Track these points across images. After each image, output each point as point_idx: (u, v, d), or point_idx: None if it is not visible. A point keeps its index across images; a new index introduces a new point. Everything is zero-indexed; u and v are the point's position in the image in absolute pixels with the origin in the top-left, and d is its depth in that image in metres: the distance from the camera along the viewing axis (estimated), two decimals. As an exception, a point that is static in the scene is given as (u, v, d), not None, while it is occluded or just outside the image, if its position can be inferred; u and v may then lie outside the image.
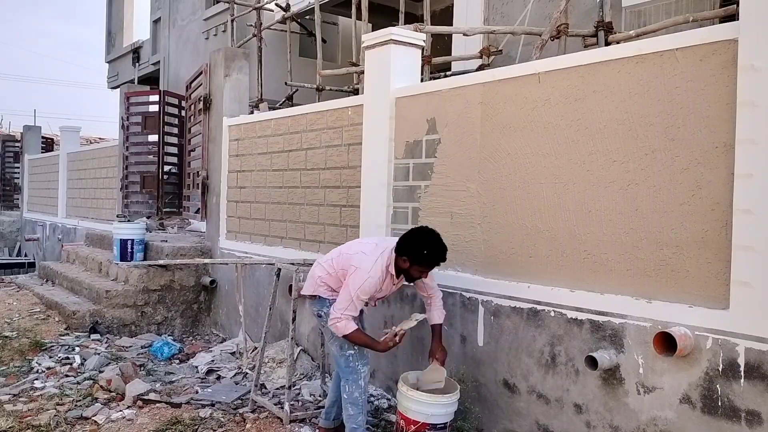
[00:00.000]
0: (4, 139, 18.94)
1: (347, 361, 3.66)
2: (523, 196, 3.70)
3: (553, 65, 3.59)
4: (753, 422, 2.71)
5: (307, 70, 10.38)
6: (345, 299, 3.50)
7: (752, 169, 2.70)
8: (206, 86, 7.41)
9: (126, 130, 10.07)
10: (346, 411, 3.67)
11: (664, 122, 3.05)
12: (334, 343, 3.72)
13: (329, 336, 3.74)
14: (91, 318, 6.45)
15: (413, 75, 4.75)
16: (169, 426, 4.15)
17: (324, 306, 3.74)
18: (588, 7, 6.50)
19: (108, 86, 18.85)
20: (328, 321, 3.55)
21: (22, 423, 4.17)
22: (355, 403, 3.64)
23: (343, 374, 3.69)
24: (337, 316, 3.48)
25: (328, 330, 3.67)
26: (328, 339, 3.77)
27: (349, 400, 3.64)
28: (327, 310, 3.67)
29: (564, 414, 3.45)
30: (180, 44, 14.30)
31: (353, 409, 3.64)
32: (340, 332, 3.51)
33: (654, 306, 3.06)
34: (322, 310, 3.76)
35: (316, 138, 5.53)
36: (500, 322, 3.81)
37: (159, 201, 9.73)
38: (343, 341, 3.63)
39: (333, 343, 3.72)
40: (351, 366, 3.65)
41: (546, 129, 3.59)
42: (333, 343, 3.72)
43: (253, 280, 6.31)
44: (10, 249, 16.03)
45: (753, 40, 2.71)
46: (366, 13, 7.26)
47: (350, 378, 3.64)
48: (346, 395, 3.65)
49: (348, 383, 3.65)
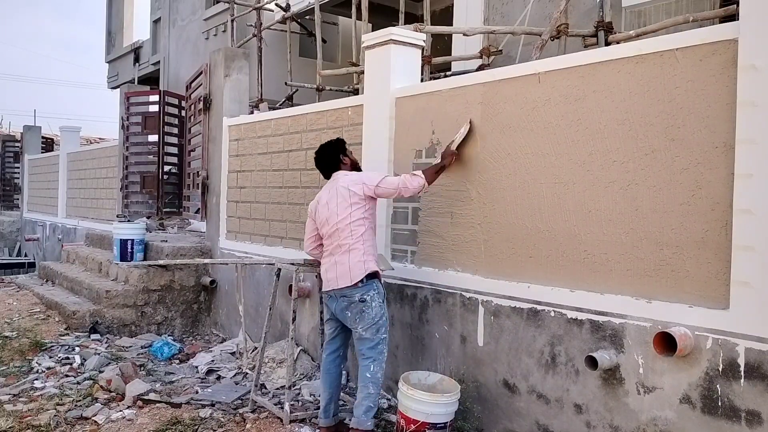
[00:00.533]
0: (4, 139, 18.95)
1: (380, 343, 3.79)
2: (523, 196, 3.70)
3: (553, 65, 3.59)
4: (753, 422, 2.71)
5: (307, 70, 10.37)
6: (390, 179, 3.94)
7: (752, 169, 2.70)
8: (206, 86, 7.41)
9: (126, 130, 10.07)
10: (366, 389, 3.74)
11: (664, 122, 3.05)
12: (371, 328, 3.76)
13: (368, 321, 3.76)
14: (91, 318, 6.45)
15: (413, 75, 4.75)
16: (169, 426, 4.15)
17: (371, 289, 3.77)
18: (588, 7, 6.50)
19: (108, 86, 18.85)
20: (405, 187, 3.86)
21: (22, 423, 4.17)
22: (377, 383, 3.77)
23: (371, 355, 3.77)
24: (405, 183, 3.86)
25: (368, 315, 3.75)
26: (365, 324, 3.76)
27: (373, 379, 3.75)
28: (374, 293, 3.77)
29: (564, 414, 3.45)
30: (180, 44, 14.30)
31: (374, 388, 3.75)
32: (419, 185, 3.89)
33: (654, 306, 3.06)
34: (368, 293, 3.76)
35: (316, 138, 5.52)
36: (500, 322, 3.81)
37: (159, 201, 9.73)
38: (381, 325, 3.77)
39: (370, 328, 3.76)
40: (380, 348, 3.79)
41: (546, 129, 3.59)
42: (370, 328, 3.76)
43: (253, 280, 6.31)
44: (10, 249, 16.03)
45: (753, 40, 2.71)
46: (366, 13, 7.26)
47: (378, 359, 3.78)
48: (369, 374, 3.75)
49: (374, 363, 3.76)
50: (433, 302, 4.26)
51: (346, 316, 3.84)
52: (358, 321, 3.79)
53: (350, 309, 3.80)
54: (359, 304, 3.77)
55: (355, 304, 3.79)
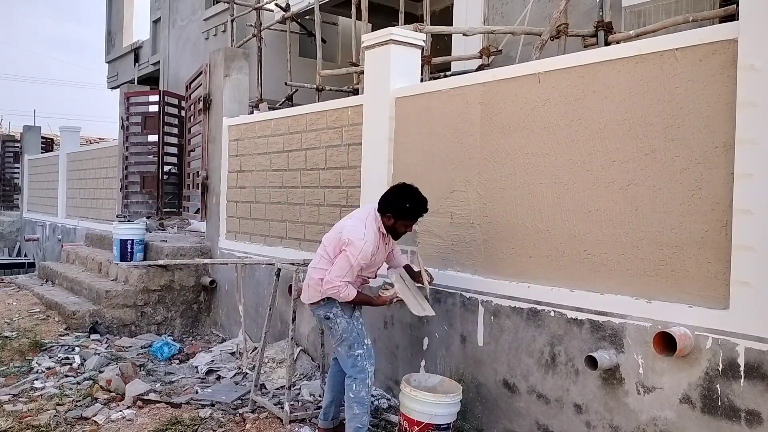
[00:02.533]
0: (4, 139, 18.94)
1: (355, 361, 3.67)
2: (523, 196, 3.70)
3: (553, 65, 3.59)
4: (753, 422, 2.71)
5: (307, 70, 10.38)
6: (343, 267, 3.56)
7: (752, 169, 2.70)
8: (206, 86, 7.41)
9: (126, 130, 10.07)
10: (351, 410, 3.66)
11: (664, 122, 3.05)
12: (342, 345, 3.71)
13: (337, 338, 3.73)
14: (91, 318, 6.45)
15: (413, 75, 4.75)
16: (169, 426, 4.15)
17: (333, 306, 3.72)
18: (588, 7, 6.50)
19: (108, 86, 18.85)
20: (324, 287, 3.58)
21: (22, 423, 4.17)
22: (361, 403, 3.65)
23: (351, 374, 3.69)
24: (336, 283, 3.55)
25: (336, 332, 3.70)
26: (336, 341, 3.75)
27: (356, 399, 3.65)
28: (336, 311, 3.70)
29: (564, 414, 3.45)
30: (180, 44, 14.31)
31: (359, 408, 3.65)
32: (342, 297, 3.58)
33: (654, 306, 3.06)
34: (330, 311, 3.72)
35: (316, 138, 5.53)
36: (500, 322, 3.81)
37: (159, 201, 9.73)
38: (352, 341, 3.67)
39: (342, 344, 3.72)
40: (359, 365, 3.67)
41: (546, 129, 3.59)
42: (342, 344, 3.72)
43: (253, 280, 6.31)
44: (10, 249, 16.02)
45: (753, 40, 2.71)
46: (366, 13, 7.26)
47: (358, 377, 3.66)
48: (352, 394, 3.65)
49: (356, 382, 3.66)
50: (433, 302, 4.25)
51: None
52: (330, 336, 3.81)
53: (322, 325, 3.83)
54: (325, 320, 3.79)
55: (322, 321, 3.83)
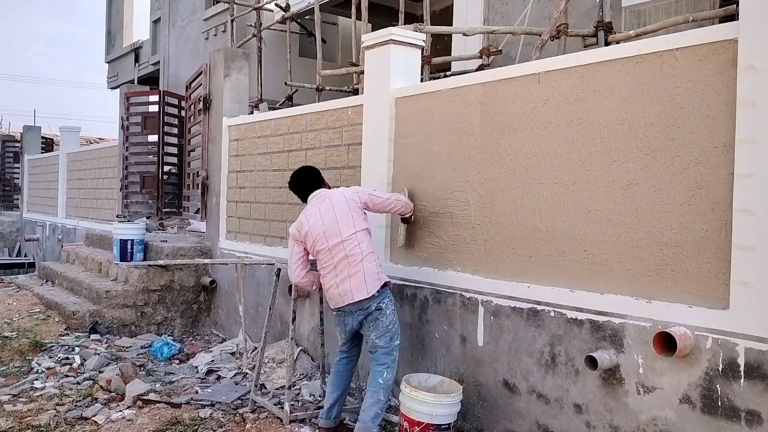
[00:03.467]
0: (4, 139, 18.94)
1: (393, 351, 3.79)
2: (523, 196, 3.70)
3: (553, 65, 3.59)
4: (753, 422, 2.71)
5: (307, 70, 10.38)
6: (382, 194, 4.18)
7: (752, 169, 2.70)
8: (206, 86, 7.41)
9: (126, 131, 10.07)
10: (377, 395, 3.71)
11: (664, 122, 3.05)
12: (385, 336, 3.77)
13: (382, 330, 3.76)
14: (91, 318, 6.45)
15: (413, 75, 4.75)
16: (169, 426, 4.15)
17: (385, 297, 3.80)
18: (588, 7, 6.50)
19: (108, 86, 18.86)
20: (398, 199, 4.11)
21: (22, 423, 4.17)
22: (388, 390, 3.77)
23: (386, 362, 3.77)
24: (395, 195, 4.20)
25: (383, 323, 3.76)
26: (380, 332, 3.76)
27: (384, 386, 3.75)
28: (388, 300, 3.79)
29: (564, 414, 3.45)
30: (180, 44, 14.31)
31: (385, 395, 3.74)
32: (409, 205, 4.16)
33: (654, 306, 3.06)
34: (383, 302, 3.78)
35: (316, 138, 5.53)
36: (500, 322, 3.81)
37: (159, 201, 9.73)
38: (393, 332, 3.80)
39: (384, 335, 3.77)
40: (394, 355, 3.80)
41: (546, 129, 3.59)
42: (384, 335, 3.77)
43: (253, 280, 6.31)
44: (10, 249, 16.02)
45: (753, 40, 2.71)
46: (366, 13, 7.26)
47: (392, 366, 3.78)
48: (382, 380, 3.74)
49: (388, 370, 3.76)
50: (433, 302, 4.26)
51: (362, 325, 3.85)
52: (372, 329, 3.79)
53: (366, 319, 3.81)
54: (375, 312, 3.78)
55: (371, 314, 3.79)
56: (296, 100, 9.06)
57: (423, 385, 3.82)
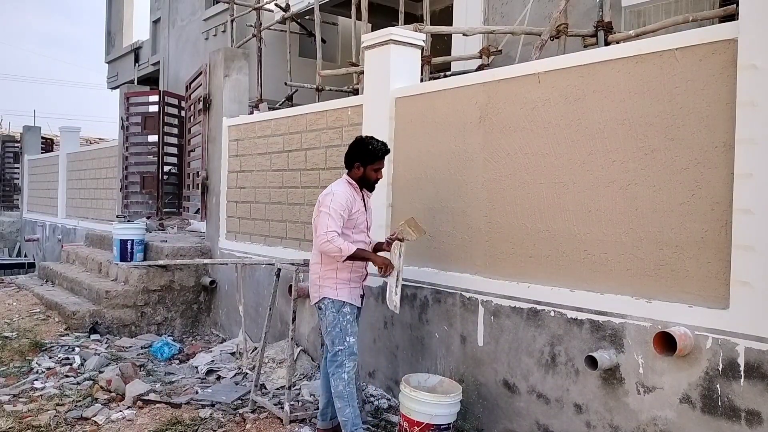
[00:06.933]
0: (4, 139, 18.95)
1: (335, 355, 3.74)
2: (523, 196, 3.70)
3: (552, 65, 3.60)
4: (753, 422, 2.71)
5: (307, 70, 10.38)
6: (323, 221, 3.62)
7: (752, 169, 2.70)
8: (206, 86, 7.41)
9: (126, 131, 10.07)
10: (336, 404, 3.75)
11: (664, 122, 3.05)
12: (327, 336, 3.79)
13: (324, 331, 3.82)
14: (91, 318, 6.45)
15: (413, 75, 4.75)
16: (169, 426, 4.15)
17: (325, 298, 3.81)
18: (588, 7, 6.50)
19: (108, 86, 18.87)
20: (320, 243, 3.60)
21: (22, 423, 4.17)
22: (341, 396, 3.71)
23: (330, 369, 3.77)
24: (325, 238, 3.59)
25: (323, 324, 3.79)
26: (324, 331, 3.83)
27: (335, 393, 3.73)
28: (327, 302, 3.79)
29: (564, 414, 3.45)
30: (180, 44, 14.31)
31: (340, 402, 3.71)
32: (336, 250, 3.58)
33: (654, 306, 3.06)
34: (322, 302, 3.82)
35: (315, 138, 5.53)
36: (500, 322, 3.81)
37: (159, 201, 9.73)
38: (335, 336, 3.72)
39: (327, 335, 3.79)
40: (338, 360, 3.73)
41: (546, 129, 3.59)
42: (327, 335, 3.79)
43: (253, 280, 6.31)
44: (10, 249, 16.02)
45: (753, 40, 2.71)
46: (366, 13, 7.27)
47: (336, 372, 3.73)
48: (333, 389, 3.76)
49: (334, 378, 3.74)
50: (433, 302, 4.26)
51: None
52: (322, 326, 3.88)
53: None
54: (318, 312, 3.87)
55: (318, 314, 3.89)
56: (296, 100, 9.06)
57: (423, 385, 3.82)
